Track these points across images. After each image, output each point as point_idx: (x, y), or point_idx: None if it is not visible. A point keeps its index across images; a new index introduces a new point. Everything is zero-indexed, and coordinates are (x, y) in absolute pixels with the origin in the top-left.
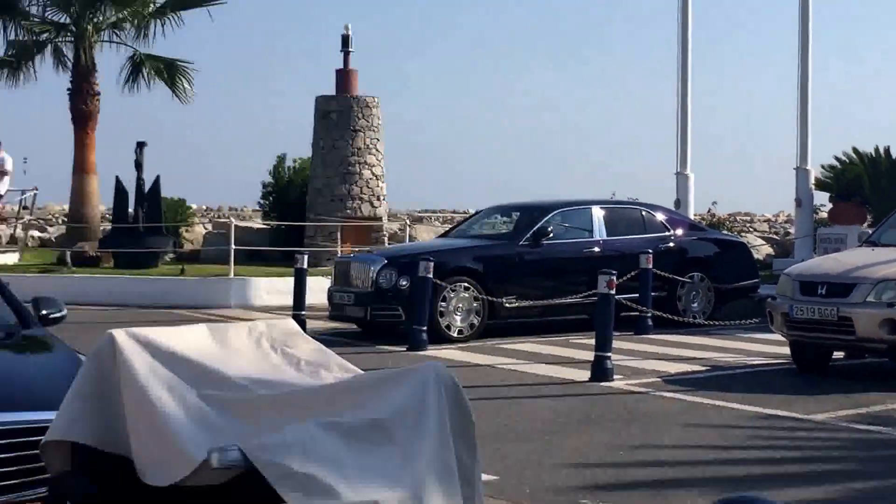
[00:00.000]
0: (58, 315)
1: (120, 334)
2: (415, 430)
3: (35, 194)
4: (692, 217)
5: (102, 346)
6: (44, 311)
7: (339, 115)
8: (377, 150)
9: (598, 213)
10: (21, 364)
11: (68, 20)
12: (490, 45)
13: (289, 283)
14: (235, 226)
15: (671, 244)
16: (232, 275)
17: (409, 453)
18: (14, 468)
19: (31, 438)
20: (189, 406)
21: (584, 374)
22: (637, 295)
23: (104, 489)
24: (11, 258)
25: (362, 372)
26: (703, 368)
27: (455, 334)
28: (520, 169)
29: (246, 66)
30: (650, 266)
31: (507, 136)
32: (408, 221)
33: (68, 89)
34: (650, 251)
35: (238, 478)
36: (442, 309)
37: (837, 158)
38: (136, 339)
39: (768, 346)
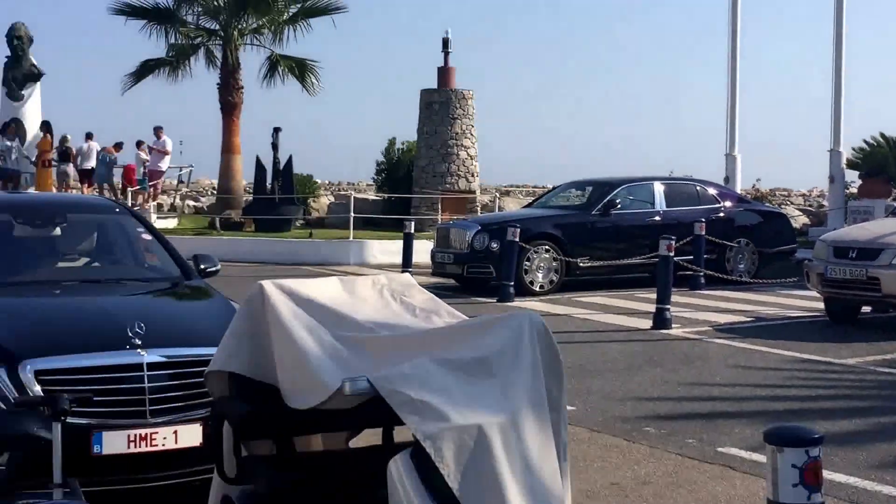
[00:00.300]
0: (213, 269)
1: (268, 284)
2: (512, 366)
3: (191, 171)
4: (739, 191)
5: (254, 294)
6: (202, 266)
7: (440, 105)
8: (471, 134)
9: (658, 188)
10: (186, 308)
11: (218, 27)
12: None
13: (398, 245)
14: (354, 197)
15: (721, 214)
16: (351, 238)
17: (508, 385)
18: (183, 393)
19: (196, 369)
20: (325, 344)
21: (647, 323)
22: (691, 257)
23: (256, 411)
24: (171, 223)
25: (467, 317)
26: (748, 319)
27: (537, 289)
28: (588, 150)
29: (363, 63)
30: (703, 233)
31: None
32: (497, 194)
33: (217, 84)
34: (703, 220)
35: (365, 403)
36: (526, 267)
37: (866, 142)
38: (281, 288)
39: (805, 302)
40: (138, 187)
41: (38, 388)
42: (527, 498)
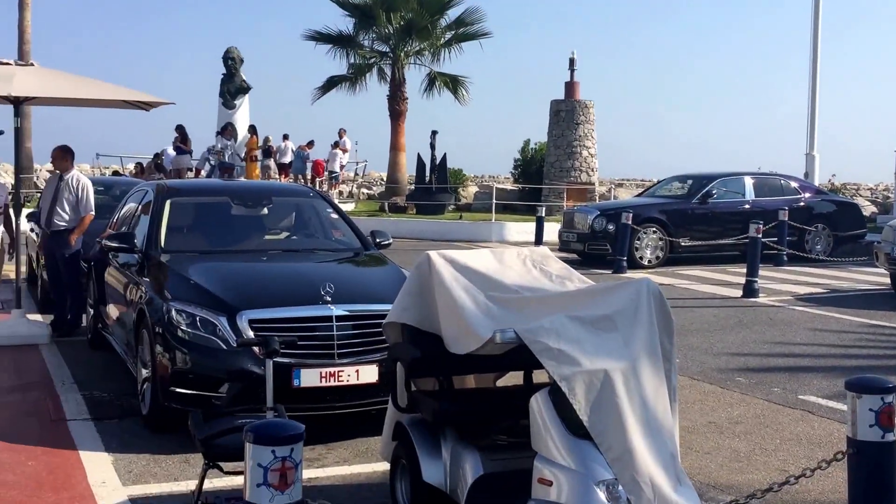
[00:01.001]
0: (386, 242)
1: (433, 254)
2: (632, 322)
3: (365, 165)
4: (817, 185)
5: (422, 261)
6: (377, 240)
7: (566, 113)
8: (592, 136)
9: (748, 181)
10: (365, 273)
11: (388, 49)
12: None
13: (530, 226)
14: (496, 187)
15: (801, 203)
16: (493, 220)
17: (628, 338)
18: (363, 339)
19: (373, 321)
20: (478, 302)
21: (738, 293)
22: (776, 239)
23: (423, 354)
24: (349, 207)
25: (594, 283)
26: (825, 291)
27: (645, 263)
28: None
29: (502, 76)
30: (786, 219)
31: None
32: (612, 186)
33: (387, 95)
34: (786, 208)
35: (510, 350)
36: (637, 245)
37: None
38: (444, 257)
39: (873, 277)
40: (331, 177)
41: (251, 334)
42: (644, 430)
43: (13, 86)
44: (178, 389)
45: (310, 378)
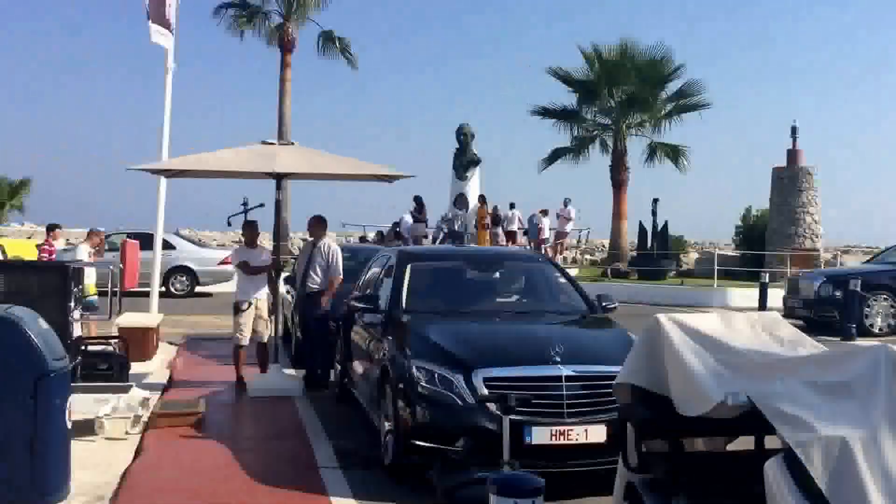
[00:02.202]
0: (611, 306)
1: (663, 317)
2: (871, 389)
3: (588, 232)
4: None
5: (652, 324)
6: (603, 303)
7: (788, 179)
8: (815, 202)
9: None
10: (592, 334)
11: (609, 122)
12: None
13: (752, 292)
14: (717, 253)
15: None
16: (715, 286)
17: (867, 405)
18: (591, 399)
19: (601, 382)
20: (708, 365)
21: None
22: None
23: (653, 416)
24: (573, 272)
25: (826, 349)
26: None
27: (876, 331)
28: None
29: (720, 144)
30: None
31: None
32: (838, 252)
33: (609, 166)
34: None
35: (741, 414)
36: (866, 312)
37: None
38: (673, 320)
39: None
40: (542, 243)
41: (485, 391)
42: (888, 502)
43: (276, 163)
44: (417, 442)
45: (541, 436)
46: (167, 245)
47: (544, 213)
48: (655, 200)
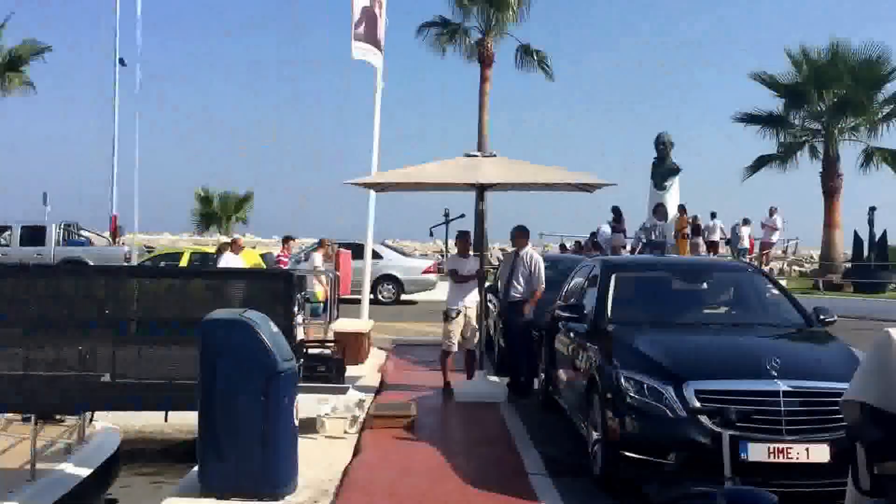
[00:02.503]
0: (830, 320)
1: (893, 332)
2: None
3: (797, 242)
4: None
5: (883, 338)
6: (821, 317)
7: None
8: None
9: None
10: (811, 349)
11: (819, 127)
12: None
13: None
14: None
15: None
16: None
17: None
18: (812, 417)
19: (822, 399)
20: None
21: None
22: None
23: (885, 436)
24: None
25: None
26: None
27: None
28: None
29: None
30: None
31: None
32: None
33: (820, 173)
34: None
35: None
36: None
37: None
38: None
39: None
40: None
41: (697, 404)
42: None
43: (480, 174)
44: (627, 453)
45: (758, 452)
46: (375, 255)
47: (746, 222)
48: (872, 209)
